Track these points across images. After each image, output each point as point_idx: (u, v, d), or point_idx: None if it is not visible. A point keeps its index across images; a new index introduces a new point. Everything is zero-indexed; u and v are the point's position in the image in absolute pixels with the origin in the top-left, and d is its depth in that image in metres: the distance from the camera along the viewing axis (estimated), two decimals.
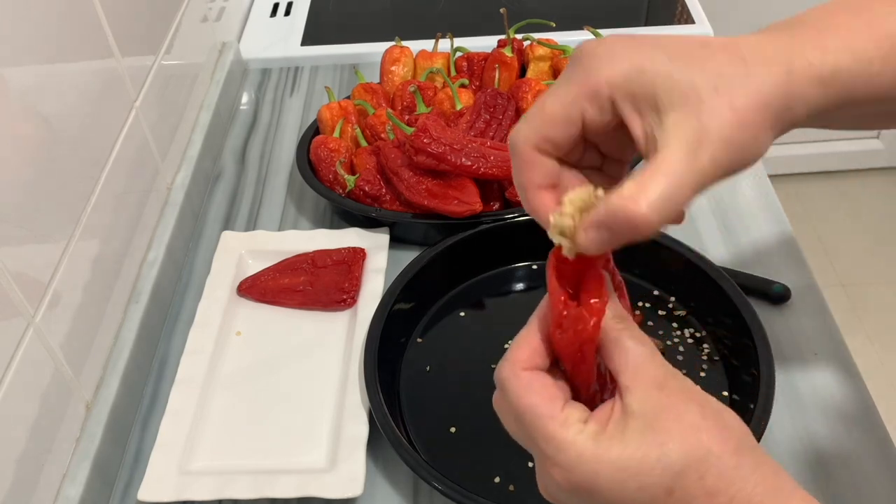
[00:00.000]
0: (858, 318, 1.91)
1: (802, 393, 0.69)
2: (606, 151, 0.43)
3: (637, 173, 0.37)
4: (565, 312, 0.41)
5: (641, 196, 0.36)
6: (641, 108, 0.38)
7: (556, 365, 0.43)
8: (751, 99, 0.38)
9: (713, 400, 0.40)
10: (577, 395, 0.42)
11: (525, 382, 0.41)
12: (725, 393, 0.69)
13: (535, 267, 0.82)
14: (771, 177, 0.92)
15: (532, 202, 0.43)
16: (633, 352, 0.40)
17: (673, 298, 0.77)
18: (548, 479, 0.41)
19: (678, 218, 0.39)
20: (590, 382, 0.42)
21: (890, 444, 0.65)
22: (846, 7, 0.42)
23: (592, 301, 0.40)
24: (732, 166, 0.38)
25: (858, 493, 0.62)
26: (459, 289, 0.81)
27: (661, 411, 0.38)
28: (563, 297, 0.41)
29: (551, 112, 0.40)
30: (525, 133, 0.41)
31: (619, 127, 0.40)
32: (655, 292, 0.78)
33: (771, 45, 0.39)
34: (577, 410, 0.40)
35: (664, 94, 0.37)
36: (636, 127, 0.39)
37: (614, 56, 0.38)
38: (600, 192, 0.39)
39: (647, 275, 0.79)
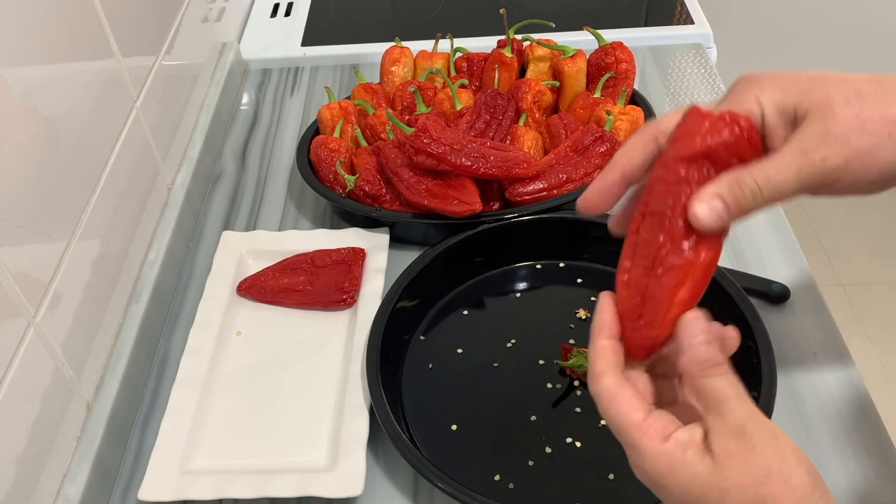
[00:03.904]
0: (858, 318, 1.91)
1: (802, 393, 0.69)
2: None
3: (760, 162, 0.42)
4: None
5: (754, 172, 0.41)
6: (785, 123, 0.44)
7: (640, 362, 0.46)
8: (877, 112, 0.42)
9: (790, 451, 0.41)
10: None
11: (609, 393, 0.44)
12: None
13: (538, 266, 0.82)
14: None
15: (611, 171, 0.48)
16: (721, 394, 0.42)
17: None
18: (634, 467, 0.45)
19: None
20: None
21: (890, 444, 0.65)
22: None
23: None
24: (849, 173, 0.42)
25: (858, 493, 0.62)
26: (462, 287, 0.81)
27: (734, 457, 0.40)
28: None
29: (724, 108, 0.44)
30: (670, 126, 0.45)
31: None
32: None
33: None
34: (660, 422, 0.43)
35: (802, 105, 0.43)
36: (776, 141, 0.44)
37: (768, 79, 0.45)
38: None
39: None
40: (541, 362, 0.73)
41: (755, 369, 0.66)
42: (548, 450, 0.66)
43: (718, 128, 0.42)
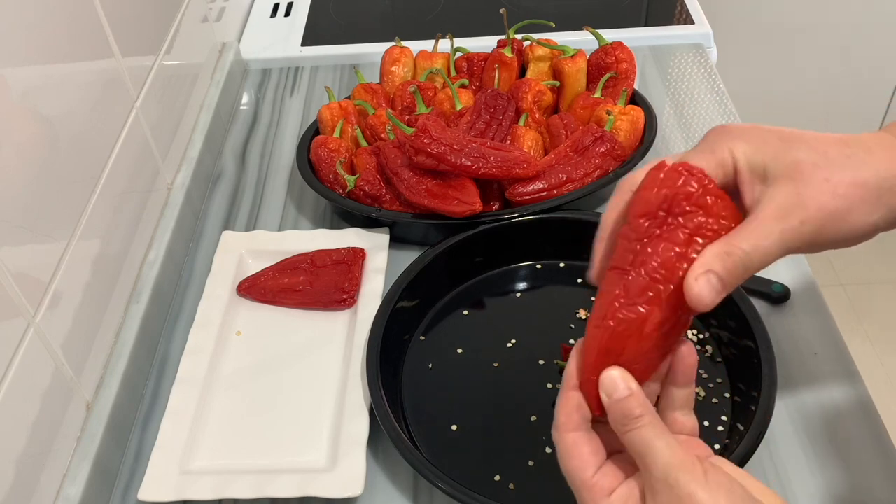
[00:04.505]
0: (858, 318, 1.91)
1: (802, 393, 0.69)
2: None
3: (739, 227, 0.43)
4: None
5: (740, 240, 0.42)
6: (754, 178, 0.44)
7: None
8: (847, 175, 0.43)
9: (724, 495, 0.40)
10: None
11: (565, 447, 0.45)
12: (728, 395, 0.69)
13: (538, 266, 0.82)
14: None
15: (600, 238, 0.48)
16: (642, 446, 0.42)
17: None
18: None
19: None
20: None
21: (890, 443, 0.65)
22: None
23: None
24: (826, 233, 0.44)
25: (858, 494, 0.62)
26: (462, 287, 0.81)
27: None
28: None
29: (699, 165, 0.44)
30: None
31: None
32: None
33: (878, 137, 0.45)
34: (607, 478, 0.43)
35: (772, 166, 0.44)
36: (747, 194, 0.45)
37: (740, 133, 0.45)
38: None
39: None
40: (541, 362, 0.73)
41: (755, 369, 0.66)
42: (548, 450, 0.66)
43: (673, 179, 0.42)
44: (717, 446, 0.65)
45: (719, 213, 0.43)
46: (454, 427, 0.69)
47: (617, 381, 0.43)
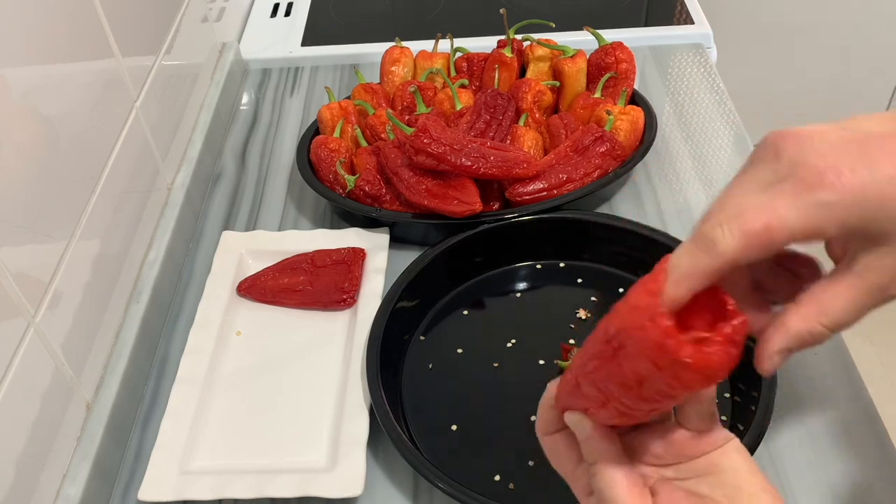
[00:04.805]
0: None
1: (802, 393, 0.69)
2: (767, 285, 0.44)
3: (820, 287, 0.39)
4: None
5: (824, 317, 0.39)
6: (853, 238, 0.38)
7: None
8: None
9: None
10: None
11: (546, 448, 0.51)
12: (727, 395, 0.69)
13: (538, 266, 0.82)
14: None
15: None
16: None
17: None
18: None
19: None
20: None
21: (890, 444, 0.65)
22: None
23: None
24: None
25: (858, 494, 0.62)
26: (462, 287, 0.81)
27: None
28: None
29: (783, 236, 0.37)
30: (730, 243, 0.38)
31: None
32: None
33: None
34: (585, 477, 0.46)
35: (884, 228, 0.36)
36: (837, 248, 0.39)
37: (852, 185, 0.36)
38: None
39: None
40: (541, 362, 0.73)
41: (755, 369, 0.65)
42: None
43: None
44: None
45: None
46: (454, 427, 0.69)
47: (576, 424, 0.45)
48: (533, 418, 0.69)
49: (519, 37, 0.99)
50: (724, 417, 0.67)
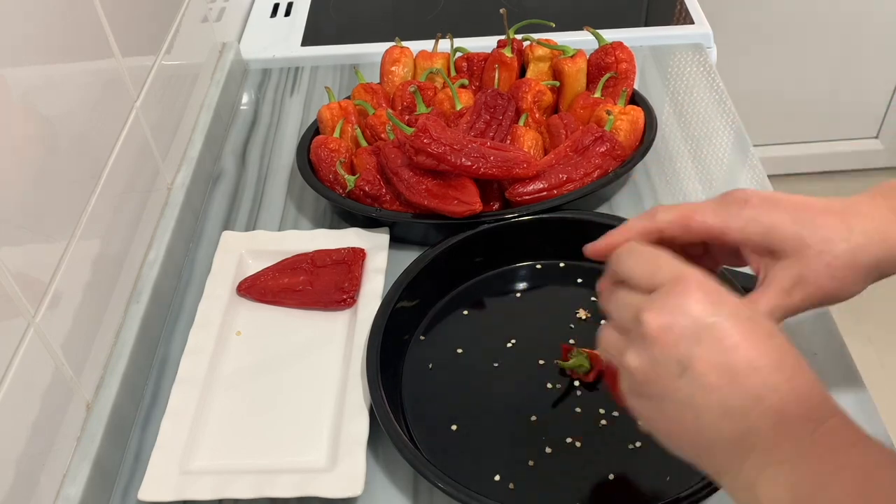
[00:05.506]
0: (858, 319, 1.91)
1: None
2: (715, 254, 0.58)
3: (750, 295, 0.54)
4: None
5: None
6: (764, 252, 0.53)
7: None
8: (845, 259, 0.51)
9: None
10: None
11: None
12: None
13: (538, 266, 0.82)
14: (771, 177, 0.92)
15: (616, 233, 0.55)
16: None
17: None
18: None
19: None
20: None
21: (890, 443, 0.65)
22: None
23: None
24: (822, 303, 0.53)
25: None
26: (462, 287, 0.81)
27: None
28: None
29: (698, 224, 0.54)
30: (665, 216, 0.54)
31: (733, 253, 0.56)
32: None
33: (876, 215, 0.53)
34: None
35: (780, 246, 0.52)
36: (753, 262, 0.55)
37: (759, 206, 0.53)
38: None
39: None
40: (541, 362, 0.73)
41: None
42: (548, 450, 0.66)
43: None
44: None
45: None
46: (454, 427, 0.69)
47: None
48: (533, 418, 0.69)
49: (519, 37, 0.99)
50: None
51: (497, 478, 0.65)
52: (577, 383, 0.71)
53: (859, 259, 0.51)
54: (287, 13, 1.29)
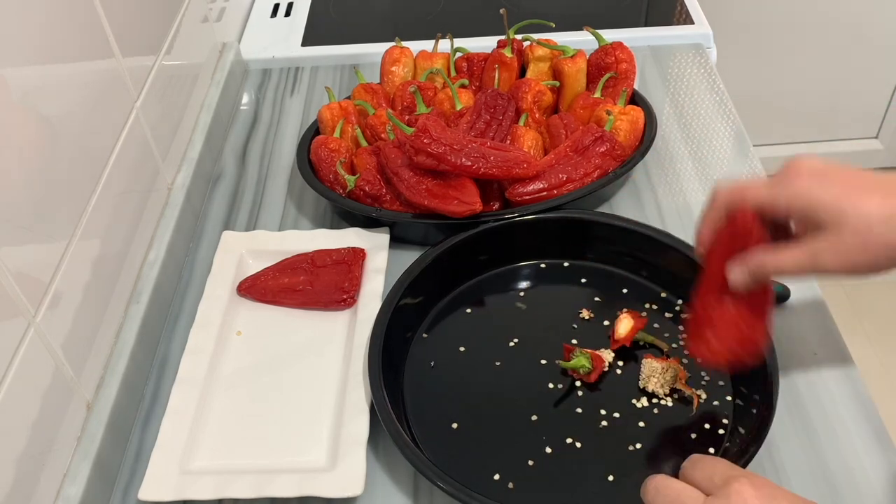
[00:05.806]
0: (858, 319, 1.91)
1: (802, 393, 0.69)
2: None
3: (783, 245, 0.59)
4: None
5: (769, 259, 0.59)
6: (806, 222, 0.58)
7: None
8: (881, 238, 0.55)
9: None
10: None
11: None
12: (729, 397, 0.69)
13: (542, 266, 0.82)
14: (771, 177, 0.92)
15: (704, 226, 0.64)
16: None
17: (680, 301, 0.77)
18: None
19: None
20: None
21: (890, 444, 0.65)
22: None
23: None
24: (851, 273, 0.57)
25: (859, 494, 0.62)
26: (465, 286, 0.81)
27: None
28: None
29: (752, 195, 0.61)
30: (724, 194, 0.62)
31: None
32: (663, 294, 0.78)
33: None
34: None
35: (820, 219, 0.57)
36: (798, 226, 0.60)
37: (810, 181, 0.58)
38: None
39: (655, 277, 0.79)
40: (543, 362, 0.73)
41: (757, 372, 0.66)
42: (548, 450, 0.66)
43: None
44: (711, 449, 0.65)
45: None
46: (455, 426, 0.69)
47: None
48: (534, 418, 0.69)
49: (519, 37, 0.99)
50: (725, 420, 0.67)
51: (497, 477, 0.65)
52: (578, 383, 0.71)
53: (893, 243, 0.55)
54: (287, 13, 1.29)
